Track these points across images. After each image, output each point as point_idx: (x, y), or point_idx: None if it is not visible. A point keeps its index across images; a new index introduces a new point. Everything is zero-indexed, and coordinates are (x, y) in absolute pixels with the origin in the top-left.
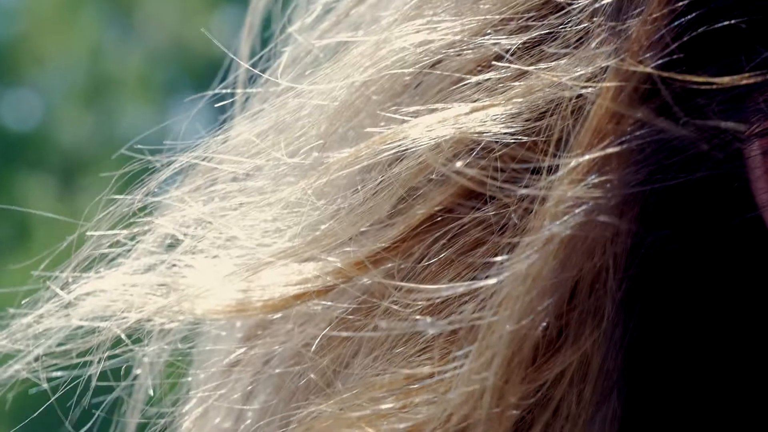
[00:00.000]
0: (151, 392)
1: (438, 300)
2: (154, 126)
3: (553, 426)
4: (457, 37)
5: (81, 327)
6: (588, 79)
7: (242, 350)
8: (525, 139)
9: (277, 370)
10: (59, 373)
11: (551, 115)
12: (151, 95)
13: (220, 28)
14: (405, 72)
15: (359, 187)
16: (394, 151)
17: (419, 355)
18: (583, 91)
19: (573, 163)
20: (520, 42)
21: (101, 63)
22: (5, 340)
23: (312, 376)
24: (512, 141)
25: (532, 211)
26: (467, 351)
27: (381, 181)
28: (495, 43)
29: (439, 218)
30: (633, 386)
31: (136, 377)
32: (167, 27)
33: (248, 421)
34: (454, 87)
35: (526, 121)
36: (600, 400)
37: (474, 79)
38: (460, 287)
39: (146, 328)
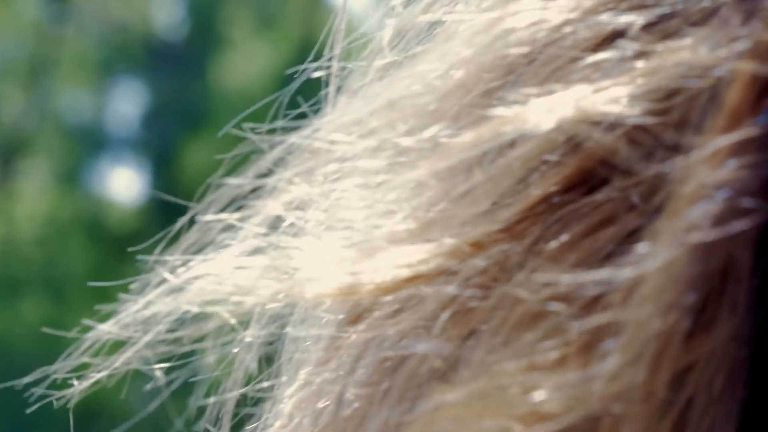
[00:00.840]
0: (250, 375)
1: (564, 285)
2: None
3: (687, 417)
4: (573, 15)
5: (190, 312)
6: (719, 60)
7: (347, 332)
8: (651, 120)
9: (388, 353)
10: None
11: (678, 97)
12: (88, 75)
13: (158, 9)
14: (519, 51)
15: (476, 169)
16: (516, 132)
17: (546, 341)
18: (715, 72)
19: (709, 145)
20: (640, 19)
21: (39, 43)
22: (115, 328)
23: (433, 360)
24: (638, 122)
25: (658, 195)
26: (611, 345)
27: (500, 163)
28: (613, 21)
29: (556, 200)
30: (758, 377)
31: (235, 360)
32: (105, 7)
33: (355, 405)
34: (571, 66)
35: (652, 101)
36: (730, 391)
37: (592, 58)
38: (597, 275)
39: (254, 311)
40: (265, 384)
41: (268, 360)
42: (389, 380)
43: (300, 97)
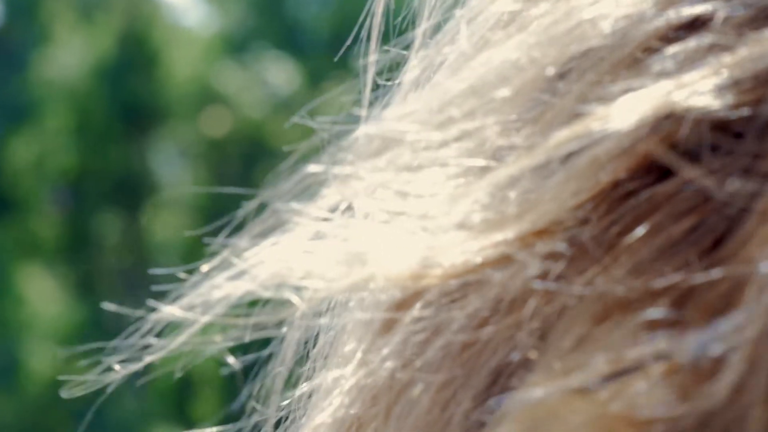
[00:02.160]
0: (300, 356)
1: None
2: None
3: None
4: (650, 4)
5: (256, 294)
6: None
7: (402, 315)
8: (739, 112)
9: (459, 338)
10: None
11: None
12: None
13: None
14: (597, 41)
15: (556, 165)
16: (603, 130)
17: (637, 338)
18: None
19: None
20: (720, 9)
21: None
22: (183, 311)
23: (514, 349)
24: (725, 114)
25: (748, 188)
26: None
27: (582, 160)
28: (691, 11)
29: (628, 186)
30: None
31: (286, 341)
32: None
33: (422, 389)
34: (652, 58)
35: (739, 93)
36: None
37: (673, 49)
38: (689, 269)
39: (324, 296)
40: (312, 369)
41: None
42: (465, 367)
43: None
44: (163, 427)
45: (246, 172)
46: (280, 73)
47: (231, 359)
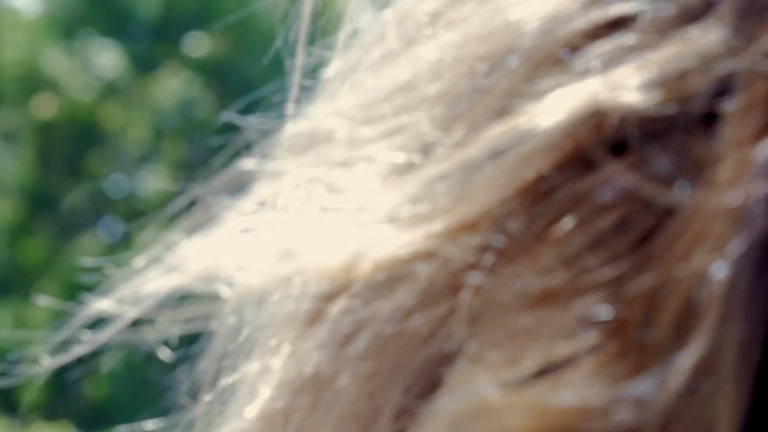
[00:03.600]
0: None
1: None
2: None
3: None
4: (576, 3)
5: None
6: (730, 51)
7: (328, 307)
8: (667, 108)
9: (387, 330)
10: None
11: (694, 84)
12: None
13: None
14: (524, 39)
15: (485, 160)
16: (531, 127)
17: (567, 327)
18: (732, 63)
19: (739, 130)
20: (644, 8)
21: None
22: (112, 304)
23: (444, 341)
24: (653, 111)
25: (674, 179)
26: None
27: (511, 156)
28: (617, 10)
29: (553, 180)
30: None
31: (216, 334)
32: None
33: (349, 381)
34: (579, 55)
35: (664, 90)
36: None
37: (599, 47)
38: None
39: (252, 289)
40: (239, 361)
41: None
42: (393, 359)
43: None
44: None
45: (74, 155)
46: (107, 59)
47: (163, 353)
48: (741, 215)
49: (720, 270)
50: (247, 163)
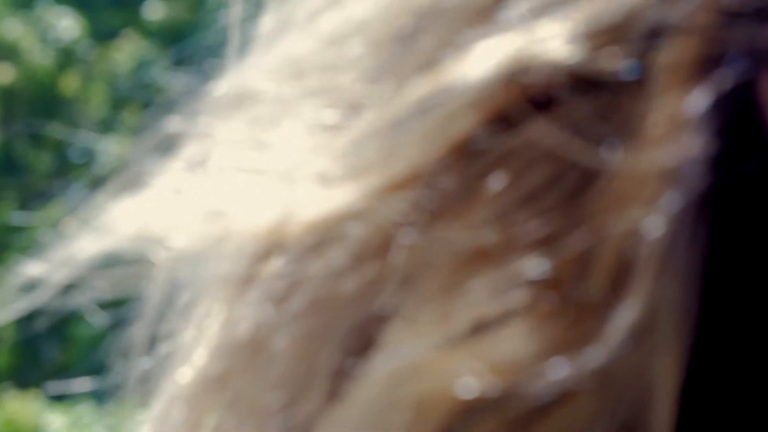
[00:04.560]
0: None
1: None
2: None
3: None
4: None
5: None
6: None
7: (261, 267)
8: (595, 61)
9: (320, 291)
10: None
11: (623, 38)
12: None
13: None
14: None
15: (412, 118)
16: (457, 81)
17: (495, 287)
18: (662, 14)
19: (669, 83)
20: None
21: None
22: (41, 268)
23: (374, 302)
24: (580, 64)
25: (603, 133)
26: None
27: (435, 113)
28: None
29: (483, 137)
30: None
31: (148, 298)
32: None
33: (284, 343)
34: (505, 6)
35: (594, 44)
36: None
37: (524, 2)
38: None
39: (181, 250)
40: (175, 324)
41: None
42: (326, 320)
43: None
44: None
45: (35, 122)
46: (65, 26)
47: (95, 315)
48: (673, 171)
49: (653, 227)
50: (176, 123)
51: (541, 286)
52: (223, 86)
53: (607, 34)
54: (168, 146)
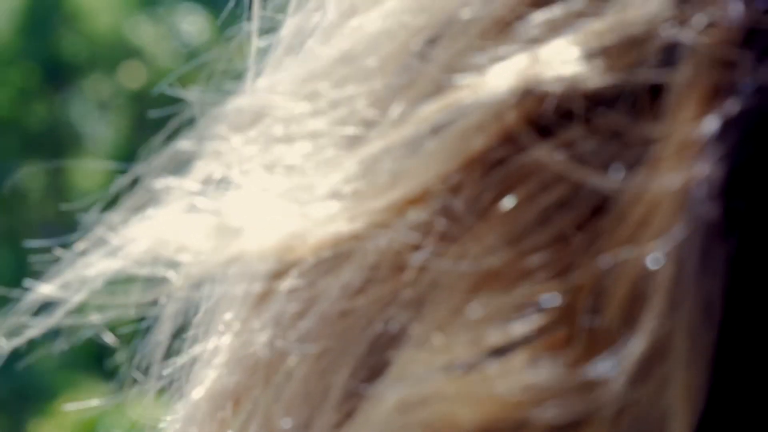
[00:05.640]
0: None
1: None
2: None
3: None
4: None
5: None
6: (673, 19)
7: (276, 286)
8: (607, 80)
9: (333, 309)
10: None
11: (637, 56)
12: None
13: None
14: (467, 11)
15: (427, 135)
16: (472, 101)
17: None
18: (677, 33)
19: (683, 105)
20: None
21: None
22: (55, 289)
23: (388, 322)
24: (593, 83)
25: (620, 154)
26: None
27: (453, 130)
28: None
29: (499, 153)
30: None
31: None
32: None
33: (297, 362)
34: (519, 24)
35: (607, 61)
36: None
37: (541, 16)
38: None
39: (195, 269)
40: (193, 341)
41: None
42: (341, 338)
43: (232, 57)
44: None
45: (164, 123)
46: (192, 25)
47: (109, 335)
48: (686, 197)
49: (666, 254)
50: (190, 141)
51: (552, 313)
52: (237, 104)
53: (621, 53)
54: (182, 164)
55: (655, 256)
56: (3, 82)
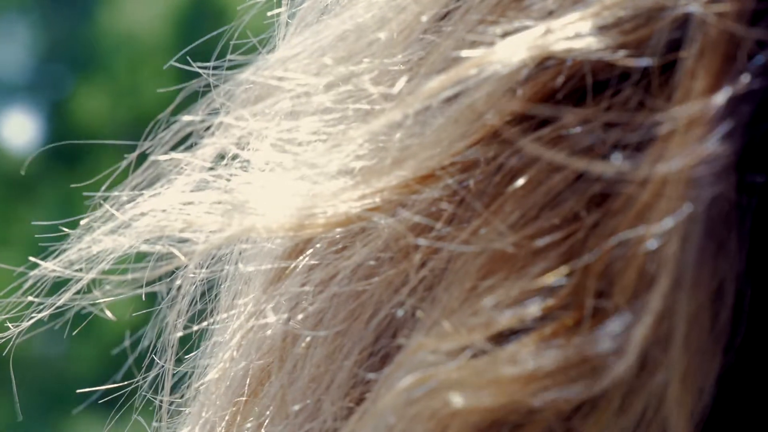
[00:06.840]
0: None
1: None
2: None
3: None
4: None
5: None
6: None
7: (289, 264)
8: (621, 54)
9: (345, 289)
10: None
11: (650, 30)
12: None
13: None
14: None
15: (436, 109)
16: (481, 74)
17: (529, 288)
18: (687, 7)
19: (695, 83)
20: None
21: None
22: (61, 266)
23: (399, 304)
24: (606, 56)
25: (632, 128)
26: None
27: (463, 105)
28: None
29: (511, 131)
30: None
31: (178, 295)
32: None
33: (309, 341)
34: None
35: (620, 34)
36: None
37: None
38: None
39: (203, 246)
40: (207, 318)
41: (208, 295)
42: (351, 320)
43: (247, 31)
44: None
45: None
46: None
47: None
48: (695, 175)
49: (670, 235)
50: (197, 117)
51: (561, 296)
52: (247, 78)
53: (633, 27)
54: (190, 141)
55: (663, 236)
56: (155, 80)
